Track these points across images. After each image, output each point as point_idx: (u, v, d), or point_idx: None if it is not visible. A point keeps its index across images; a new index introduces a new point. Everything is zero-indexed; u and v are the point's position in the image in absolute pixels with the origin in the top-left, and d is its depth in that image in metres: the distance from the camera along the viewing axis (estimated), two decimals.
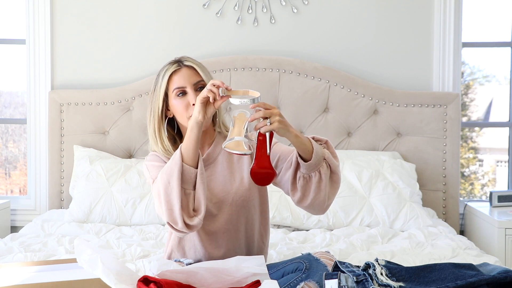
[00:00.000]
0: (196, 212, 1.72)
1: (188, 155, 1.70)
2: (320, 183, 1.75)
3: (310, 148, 1.72)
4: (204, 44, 3.20)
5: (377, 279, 1.54)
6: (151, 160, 1.86)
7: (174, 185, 1.68)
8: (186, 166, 1.70)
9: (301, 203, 1.79)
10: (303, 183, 1.76)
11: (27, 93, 3.22)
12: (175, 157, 1.71)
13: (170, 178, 1.69)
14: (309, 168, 1.73)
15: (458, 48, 3.17)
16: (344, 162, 2.88)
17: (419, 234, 2.56)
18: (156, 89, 1.85)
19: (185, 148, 1.71)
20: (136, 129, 3.11)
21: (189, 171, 1.70)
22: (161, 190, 1.70)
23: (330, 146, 1.81)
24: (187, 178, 1.70)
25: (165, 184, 1.69)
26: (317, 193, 1.76)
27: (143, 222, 2.76)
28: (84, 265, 1.49)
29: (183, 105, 1.82)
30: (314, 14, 3.19)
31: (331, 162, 1.76)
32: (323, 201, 1.78)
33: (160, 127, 1.86)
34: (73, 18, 3.20)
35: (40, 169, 3.21)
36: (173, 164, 1.70)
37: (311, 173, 1.74)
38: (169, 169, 1.70)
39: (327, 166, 1.76)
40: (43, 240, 2.46)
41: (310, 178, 1.75)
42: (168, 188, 1.69)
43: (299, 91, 3.09)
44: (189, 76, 1.83)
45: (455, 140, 3.09)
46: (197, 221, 1.70)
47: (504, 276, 1.53)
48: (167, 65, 1.86)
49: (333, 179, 1.79)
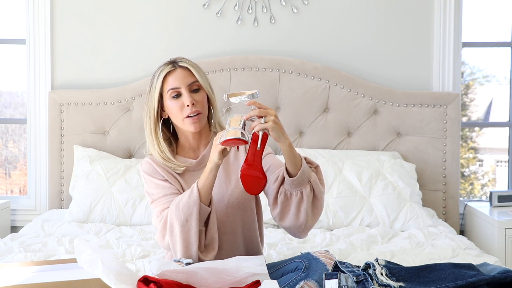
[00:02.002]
0: (208, 247, 1.77)
1: (204, 195, 1.74)
2: (301, 204, 1.75)
3: (299, 164, 1.73)
4: (204, 44, 3.20)
5: (377, 279, 1.54)
6: (150, 174, 1.87)
7: (193, 224, 1.72)
8: (203, 205, 1.74)
9: (280, 222, 1.80)
10: (283, 199, 1.77)
11: (27, 93, 3.22)
12: (192, 196, 1.73)
13: (188, 217, 1.72)
14: (292, 185, 1.73)
15: (458, 48, 3.17)
16: (344, 162, 2.88)
17: (419, 234, 2.55)
18: (152, 90, 1.86)
19: (202, 188, 1.74)
20: (136, 129, 3.11)
21: (205, 210, 1.74)
22: (177, 227, 1.73)
23: (319, 171, 1.81)
24: (202, 217, 1.74)
25: (181, 222, 1.73)
26: (296, 214, 1.76)
27: (143, 222, 2.76)
28: (84, 265, 1.49)
29: (178, 106, 1.82)
30: (314, 14, 3.19)
31: (315, 186, 1.76)
32: (301, 225, 1.77)
33: (156, 128, 1.87)
34: (73, 18, 3.20)
35: (40, 169, 3.21)
36: (191, 203, 1.72)
37: (293, 191, 1.74)
38: (186, 207, 1.73)
39: (311, 189, 1.75)
40: (43, 240, 2.46)
41: (291, 196, 1.75)
42: (185, 227, 1.73)
43: (299, 91, 3.09)
44: (183, 77, 1.83)
45: (455, 140, 3.09)
46: (210, 257, 1.76)
47: (504, 276, 1.53)
48: (162, 66, 1.86)
49: (315, 205, 1.78)
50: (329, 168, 2.82)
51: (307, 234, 1.84)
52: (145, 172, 1.88)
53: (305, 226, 1.78)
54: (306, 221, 1.77)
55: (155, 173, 1.86)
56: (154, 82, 1.85)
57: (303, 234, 1.82)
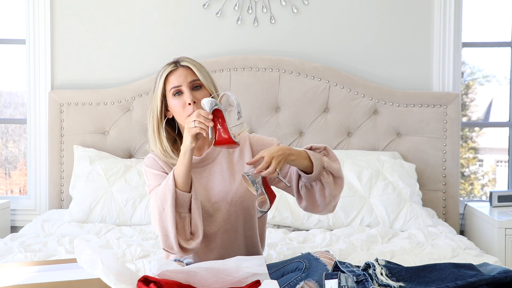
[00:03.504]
0: (193, 235, 1.76)
1: (181, 180, 1.74)
2: (324, 190, 1.82)
3: (310, 163, 1.78)
4: (204, 44, 3.20)
5: (377, 279, 1.54)
6: (150, 166, 1.88)
7: (168, 211, 1.72)
8: (180, 191, 1.73)
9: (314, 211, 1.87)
10: (306, 192, 1.83)
11: (27, 93, 3.22)
12: (168, 183, 1.74)
13: (164, 204, 1.73)
14: (310, 179, 1.80)
15: (458, 48, 3.17)
16: (344, 162, 2.88)
17: (419, 234, 2.55)
18: (155, 90, 1.88)
19: (178, 173, 1.74)
20: (136, 129, 3.11)
21: (183, 196, 1.74)
22: (156, 215, 1.74)
23: (329, 151, 1.86)
24: (182, 203, 1.74)
25: (159, 210, 1.73)
26: (323, 199, 1.82)
27: (143, 222, 2.76)
28: (84, 265, 1.49)
29: (180, 104, 1.83)
30: (314, 14, 3.19)
31: (331, 169, 1.81)
32: (329, 205, 1.85)
33: (159, 127, 1.87)
34: (73, 18, 3.20)
35: (40, 169, 3.21)
36: (167, 190, 1.73)
37: (312, 182, 1.81)
38: (162, 194, 1.74)
39: (328, 174, 1.81)
40: (43, 240, 2.46)
41: (311, 186, 1.82)
42: (162, 214, 1.73)
43: (299, 91, 3.09)
44: (185, 75, 1.84)
45: (455, 140, 3.09)
46: (194, 245, 1.74)
47: (504, 276, 1.53)
48: (165, 66, 1.88)
49: (336, 182, 1.85)
50: None
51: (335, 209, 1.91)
52: (146, 165, 1.90)
53: (333, 205, 1.87)
54: (333, 200, 1.85)
55: (155, 165, 1.88)
56: (157, 81, 1.87)
57: (332, 211, 1.90)
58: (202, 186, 1.87)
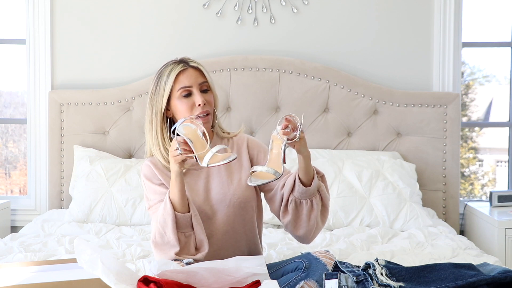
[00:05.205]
0: (198, 249, 1.78)
1: (178, 203, 1.75)
2: (311, 212, 1.81)
3: (312, 174, 1.78)
4: (204, 44, 3.20)
5: (377, 279, 1.54)
6: (148, 178, 1.88)
7: (170, 235, 1.74)
8: (179, 214, 1.74)
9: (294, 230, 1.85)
10: (294, 207, 1.81)
11: (27, 93, 3.22)
12: (166, 208, 1.74)
13: (165, 228, 1.75)
14: (303, 194, 1.78)
15: (458, 48, 3.17)
16: (344, 162, 2.88)
17: (419, 234, 2.55)
18: (159, 88, 1.84)
19: (173, 197, 1.75)
20: (136, 129, 3.11)
21: (184, 217, 1.75)
22: (158, 238, 1.76)
23: (325, 180, 1.87)
24: (184, 224, 1.75)
25: (160, 234, 1.76)
26: (307, 222, 1.82)
27: (143, 222, 2.76)
28: (84, 265, 1.49)
29: (188, 105, 1.82)
30: (314, 14, 3.19)
31: (324, 195, 1.82)
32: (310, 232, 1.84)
33: (162, 127, 1.85)
34: (73, 18, 3.20)
35: (40, 169, 3.21)
36: (166, 215, 1.74)
37: (303, 200, 1.79)
38: (162, 219, 1.75)
39: (320, 198, 1.82)
40: (43, 240, 2.46)
41: (300, 203, 1.80)
42: (164, 238, 1.75)
43: (299, 91, 3.09)
44: (195, 76, 1.83)
45: (455, 140, 3.09)
46: (199, 257, 1.76)
47: (504, 276, 1.53)
48: (172, 65, 1.84)
49: (323, 213, 1.85)
50: (329, 168, 2.82)
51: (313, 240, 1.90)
52: (144, 175, 1.89)
53: (313, 233, 1.85)
54: (315, 228, 1.84)
55: (153, 176, 1.86)
56: (164, 80, 1.83)
57: (311, 240, 1.89)
58: (200, 188, 1.87)
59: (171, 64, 1.85)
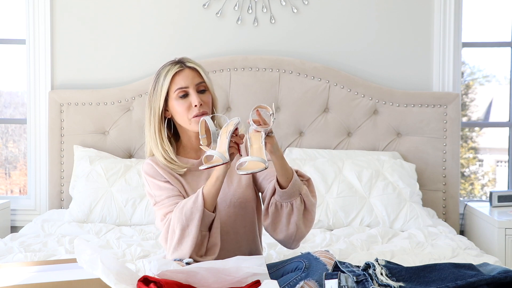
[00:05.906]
0: (208, 251, 1.77)
1: (210, 201, 1.74)
2: (291, 215, 1.79)
3: (290, 176, 1.77)
4: (204, 44, 3.20)
5: (377, 279, 1.54)
6: (151, 176, 1.86)
7: (193, 229, 1.72)
8: (207, 211, 1.73)
9: (273, 233, 1.84)
10: (274, 210, 1.81)
11: (27, 93, 3.22)
12: (197, 202, 1.73)
13: (189, 221, 1.73)
14: (282, 196, 1.77)
15: (458, 48, 3.17)
16: (344, 162, 2.88)
17: (419, 234, 2.55)
18: (157, 89, 1.85)
19: (208, 194, 1.73)
20: (136, 129, 3.11)
21: (209, 216, 1.74)
22: (177, 230, 1.74)
23: (311, 184, 1.85)
24: (206, 222, 1.75)
25: (182, 226, 1.73)
26: (287, 225, 1.80)
27: (143, 222, 2.76)
28: (84, 265, 1.49)
29: (185, 106, 1.82)
30: (314, 14, 3.19)
31: (306, 199, 1.80)
32: (291, 236, 1.81)
33: (161, 127, 1.86)
34: (73, 18, 3.20)
35: (40, 169, 3.21)
36: (195, 209, 1.72)
37: (283, 203, 1.78)
38: (189, 212, 1.73)
39: (301, 202, 1.79)
40: (43, 240, 2.46)
41: (281, 207, 1.80)
42: (185, 231, 1.73)
43: (299, 91, 3.09)
44: (192, 77, 1.83)
45: (455, 140, 3.09)
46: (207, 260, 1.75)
47: (504, 276, 1.53)
48: (169, 66, 1.85)
49: (306, 217, 1.83)
50: (329, 168, 2.82)
51: (298, 245, 1.88)
52: (146, 173, 1.87)
53: (295, 237, 1.83)
54: (296, 232, 1.81)
55: (156, 174, 1.86)
56: (161, 81, 1.84)
57: (293, 245, 1.87)
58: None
59: (168, 64, 1.85)
